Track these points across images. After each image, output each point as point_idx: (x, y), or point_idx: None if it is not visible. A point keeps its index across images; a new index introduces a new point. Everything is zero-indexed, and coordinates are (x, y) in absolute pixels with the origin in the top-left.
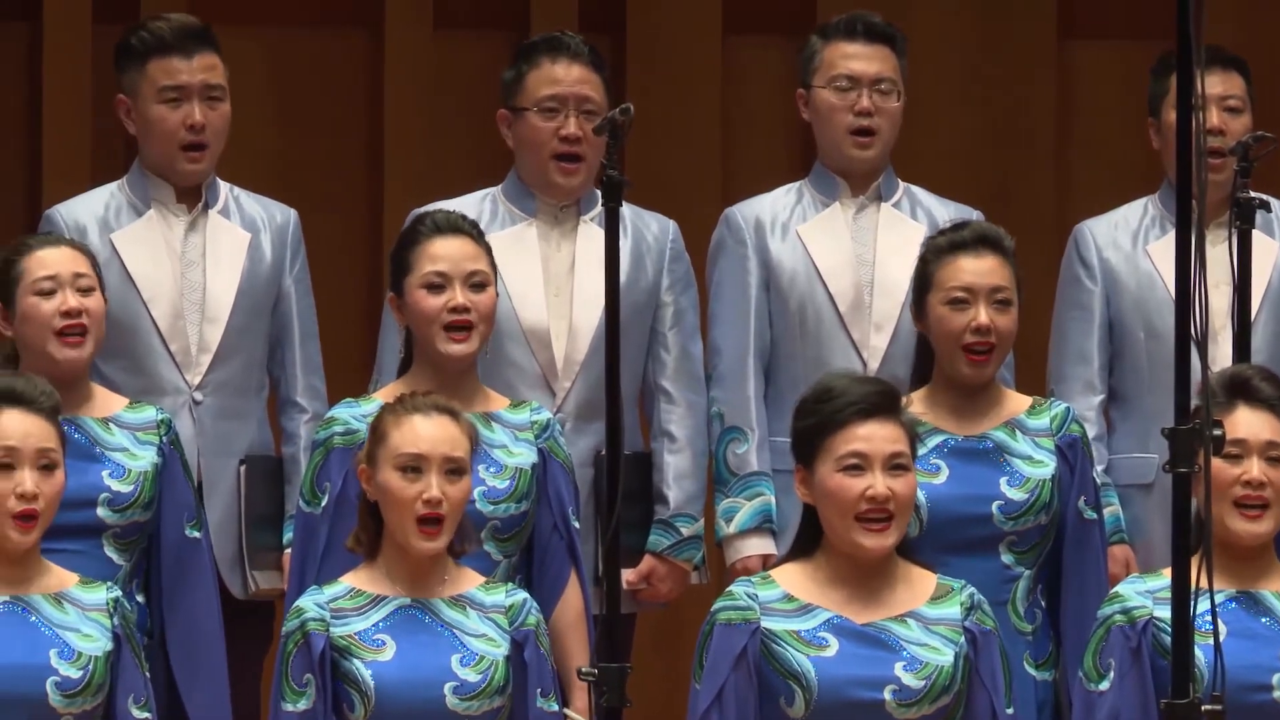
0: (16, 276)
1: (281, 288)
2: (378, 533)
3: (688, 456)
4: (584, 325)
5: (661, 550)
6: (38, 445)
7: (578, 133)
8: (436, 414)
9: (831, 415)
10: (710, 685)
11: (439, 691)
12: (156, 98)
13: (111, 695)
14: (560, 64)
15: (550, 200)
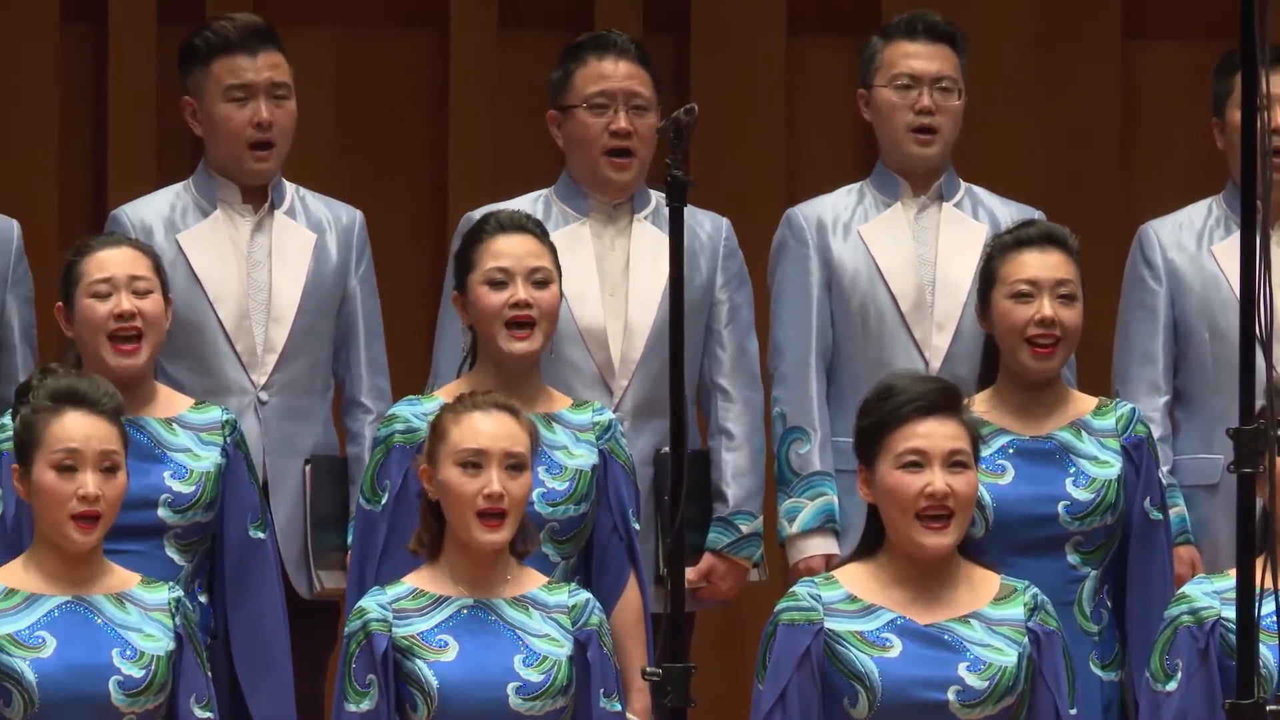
0: (76, 278)
1: (347, 288)
2: (440, 533)
3: (746, 454)
4: (640, 324)
5: (721, 548)
6: (100, 447)
7: (628, 127)
8: (496, 411)
9: (891, 413)
10: (773, 686)
11: (502, 692)
12: (223, 96)
13: (173, 695)
14: (608, 60)
15: (603, 198)
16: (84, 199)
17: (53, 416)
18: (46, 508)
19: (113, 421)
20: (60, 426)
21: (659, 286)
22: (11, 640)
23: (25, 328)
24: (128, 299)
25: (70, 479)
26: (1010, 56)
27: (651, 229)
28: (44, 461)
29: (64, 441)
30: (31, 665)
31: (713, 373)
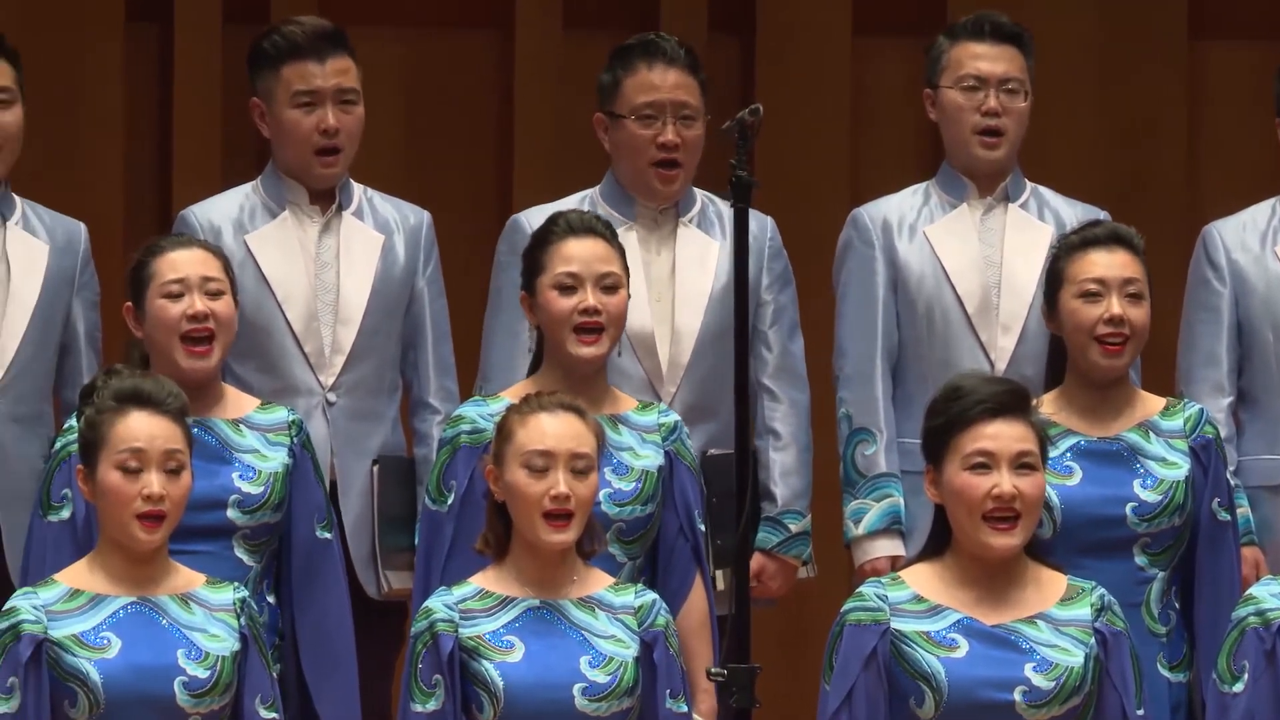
0: (147, 278)
1: (414, 289)
2: (506, 534)
3: (793, 453)
4: (687, 329)
5: (771, 547)
6: (164, 447)
7: (675, 140)
8: (562, 412)
9: (960, 414)
10: (840, 686)
11: (568, 693)
12: (290, 102)
13: (239, 695)
14: (656, 70)
15: (649, 204)
16: (149, 201)
17: (117, 417)
18: (111, 508)
19: (177, 421)
20: (125, 427)
21: (705, 290)
22: (77, 641)
23: (90, 331)
24: (201, 300)
25: (135, 479)
26: (1075, 56)
27: (697, 233)
28: (109, 462)
29: (128, 442)
30: (97, 666)
31: (758, 373)
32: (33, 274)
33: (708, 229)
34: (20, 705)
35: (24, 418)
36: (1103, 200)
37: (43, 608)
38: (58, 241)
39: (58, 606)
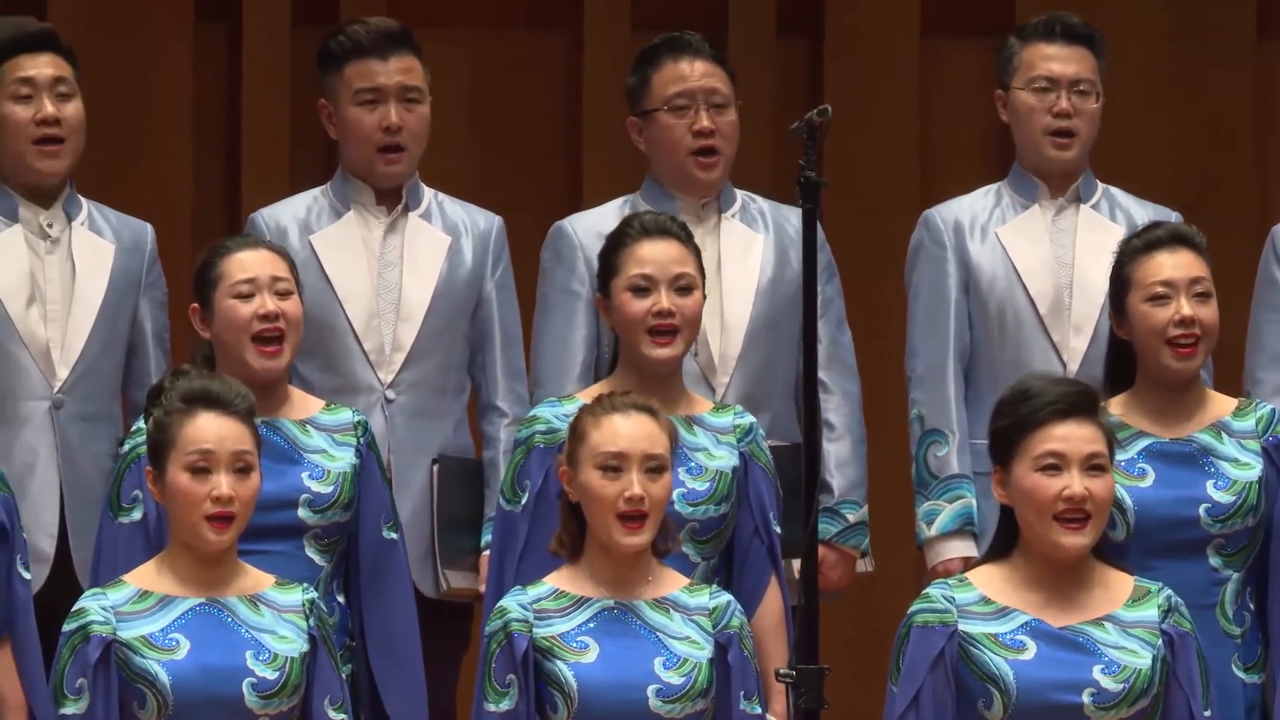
0: (215, 279)
1: (482, 292)
2: (580, 534)
3: (847, 444)
4: (736, 320)
5: (829, 538)
6: (233, 448)
7: (710, 126)
8: (635, 412)
9: (1029, 415)
10: (907, 688)
11: (642, 694)
12: (353, 100)
13: (308, 696)
14: (684, 61)
15: (690, 199)
16: (218, 203)
17: (185, 418)
18: (180, 509)
19: (245, 422)
20: (193, 428)
21: (752, 283)
22: (146, 642)
23: (158, 331)
24: (271, 300)
25: (204, 480)
26: (1144, 56)
27: (740, 226)
28: (177, 463)
29: (197, 443)
30: (165, 667)
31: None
32: (99, 274)
33: (750, 223)
34: (89, 706)
35: (91, 417)
36: (1173, 202)
37: (111, 609)
38: (124, 242)
39: (127, 608)
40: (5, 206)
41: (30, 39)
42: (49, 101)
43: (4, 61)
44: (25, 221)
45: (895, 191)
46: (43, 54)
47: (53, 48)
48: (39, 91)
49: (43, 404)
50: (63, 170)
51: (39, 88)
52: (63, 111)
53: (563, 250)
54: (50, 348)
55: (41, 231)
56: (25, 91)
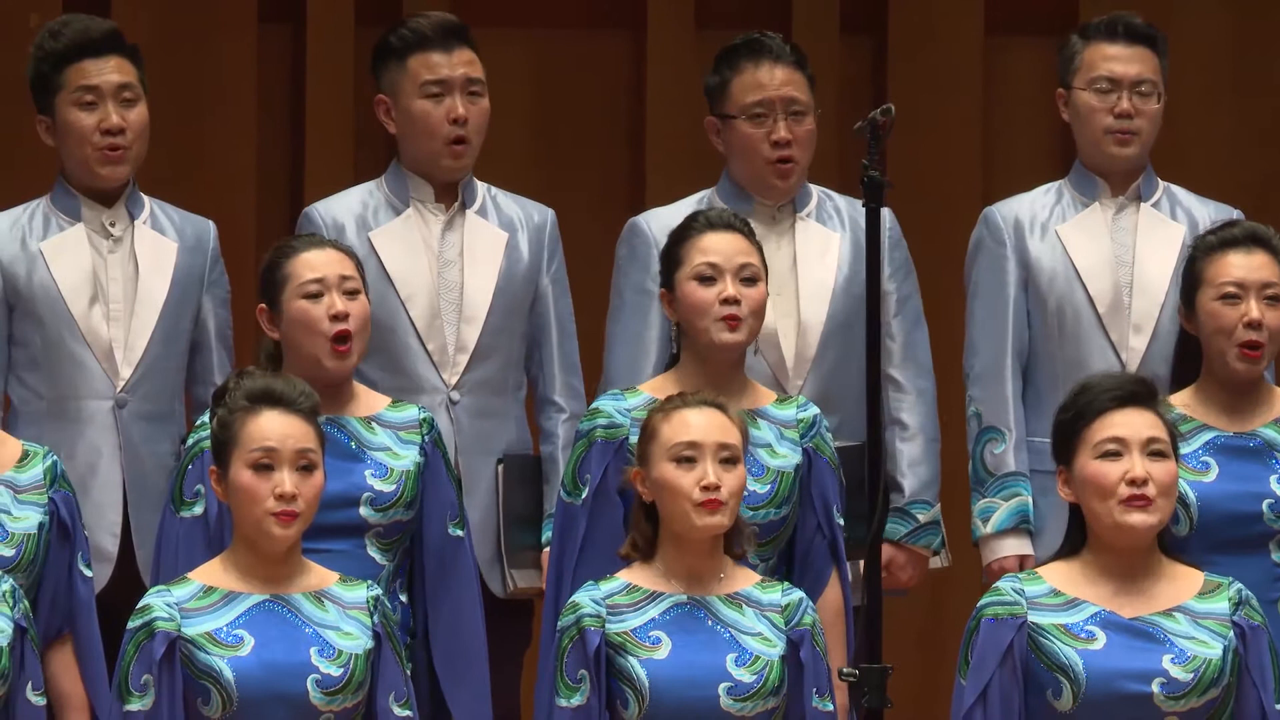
0: (282, 279)
1: (539, 287)
2: (654, 535)
3: (920, 443)
4: (812, 322)
5: (900, 538)
6: (296, 446)
7: (787, 136)
8: (706, 407)
9: (1088, 405)
10: (975, 682)
11: (713, 691)
12: (419, 93)
13: (372, 693)
14: (764, 68)
15: (765, 201)
16: (281, 202)
17: (249, 416)
18: (244, 507)
19: (309, 420)
20: (257, 426)
21: (828, 283)
22: (210, 639)
23: (221, 329)
24: (340, 300)
25: (267, 478)
26: (1206, 55)
27: (815, 226)
28: (241, 461)
29: (260, 441)
30: (230, 663)
31: (884, 364)
32: (161, 272)
33: (825, 222)
34: (154, 702)
35: (154, 415)
36: (1238, 201)
37: (176, 605)
38: (187, 240)
39: (191, 604)
40: (68, 206)
41: (96, 42)
42: (113, 109)
43: (69, 65)
44: (88, 221)
45: (959, 190)
46: (109, 58)
47: (119, 50)
48: (103, 99)
49: (106, 403)
50: (125, 177)
51: (103, 95)
52: (126, 118)
53: (638, 247)
54: (113, 347)
55: (104, 230)
56: (90, 98)
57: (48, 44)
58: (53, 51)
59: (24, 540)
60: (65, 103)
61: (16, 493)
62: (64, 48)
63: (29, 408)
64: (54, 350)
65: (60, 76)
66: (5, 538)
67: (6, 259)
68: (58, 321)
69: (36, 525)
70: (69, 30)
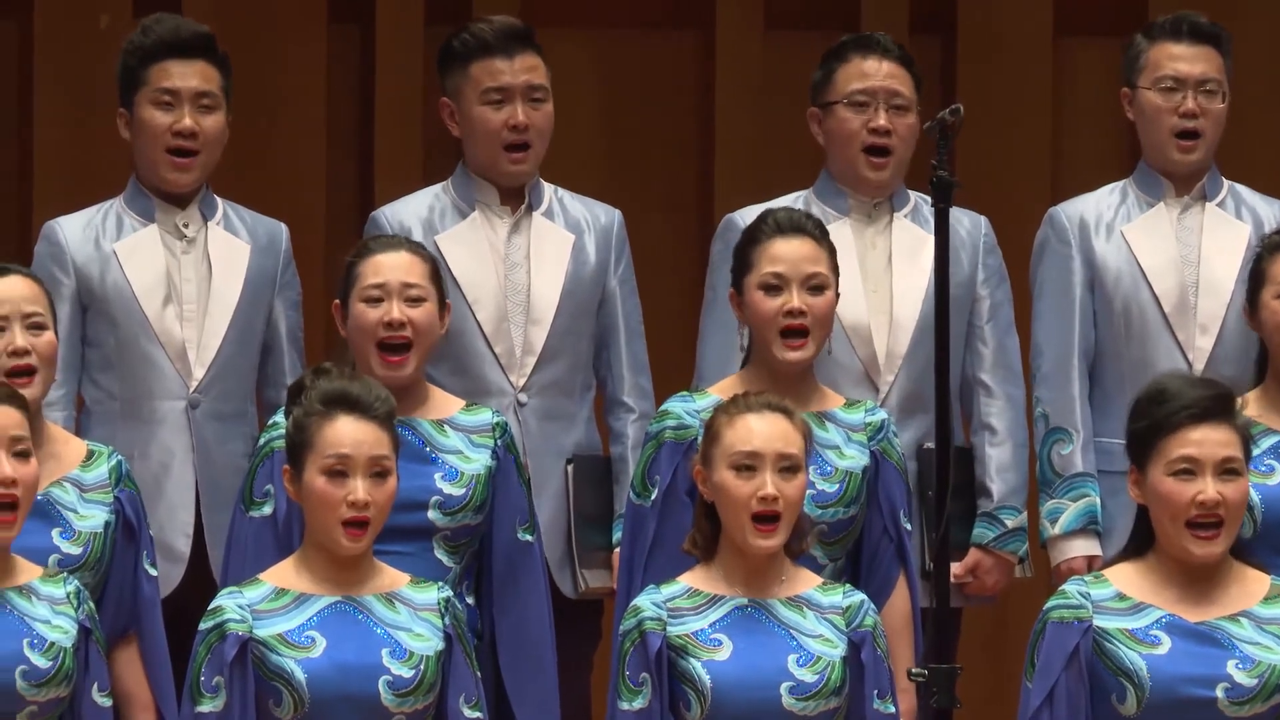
0: (352, 279)
1: (606, 289)
2: (714, 534)
3: (1009, 449)
4: (904, 319)
5: (987, 543)
6: (370, 453)
7: (887, 125)
8: (769, 412)
9: (1164, 419)
10: (1042, 684)
11: (775, 692)
12: (479, 99)
13: (443, 695)
14: (870, 60)
15: (862, 197)
16: (350, 203)
17: (325, 421)
18: (316, 512)
19: (384, 426)
20: (332, 431)
21: (921, 283)
22: (282, 640)
23: (292, 331)
24: (398, 307)
25: (341, 484)
26: (1273, 53)
27: (912, 226)
28: (315, 466)
29: (335, 447)
30: (301, 665)
31: (974, 368)
32: (234, 274)
33: (922, 223)
34: (225, 704)
35: (226, 416)
36: None
37: (248, 607)
38: (259, 241)
39: (263, 606)
40: (142, 207)
41: (184, 43)
42: (189, 113)
43: (154, 63)
44: (161, 222)
45: (1027, 190)
46: (194, 61)
47: (206, 55)
48: (180, 102)
49: (179, 404)
50: (190, 183)
51: (181, 98)
52: (201, 124)
53: (731, 242)
54: (187, 348)
55: (177, 231)
56: (167, 99)
57: (138, 39)
58: (140, 47)
59: (90, 539)
60: (143, 100)
61: (82, 492)
62: (152, 45)
63: (102, 408)
64: (127, 351)
65: (144, 73)
66: (71, 536)
67: (81, 260)
68: (131, 322)
69: (102, 524)
70: (159, 28)
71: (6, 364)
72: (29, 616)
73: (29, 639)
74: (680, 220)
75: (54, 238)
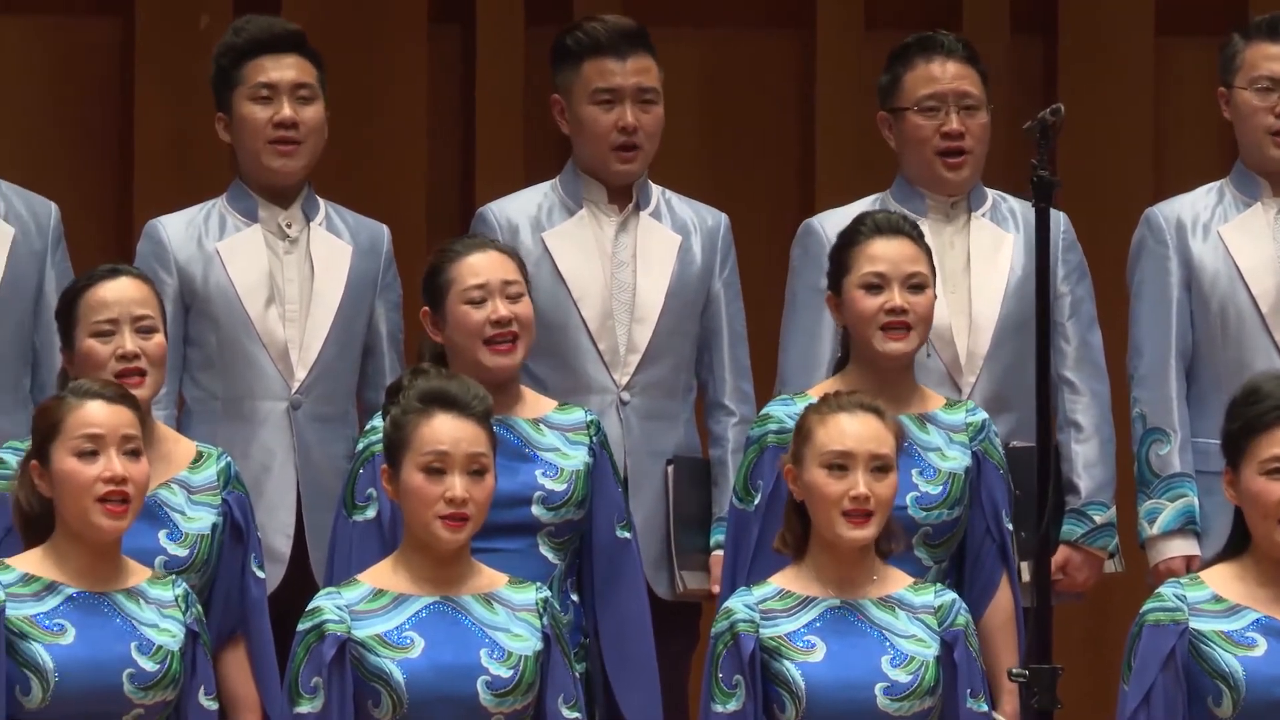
0: (446, 284)
1: (710, 291)
2: (805, 533)
3: (1095, 445)
4: (984, 320)
5: (1076, 539)
6: (468, 450)
7: (960, 128)
8: (861, 412)
9: (1256, 418)
10: (1138, 687)
11: (869, 692)
12: (589, 99)
13: (541, 695)
14: (936, 62)
15: (940, 198)
16: (452, 202)
17: (422, 419)
18: (415, 509)
19: (482, 424)
20: (429, 429)
21: (1001, 282)
22: (380, 641)
23: (393, 332)
24: (504, 304)
25: (438, 481)
26: None
27: (990, 226)
28: (412, 463)
29: (433, 444)
30: (400, 665)
31: (1059, 366)
32: (336, 275)
33: (1000, 223)
34: (324, 705)
35: (328, 417)
36: None
37: (346, 608)
38: (361, 243)
39: (361, 606)
40: (244, 206)
41: (277, 39)
42: (288, 104)
43: (248, 61)
44: (264, 221)
45: (1129, 190)
46: (288, 56)
47: (299, 50)
48: (279, 95)
49: (280, 404)
50: (297, 170)
51: (279, 91)
52: (301, 114)
53: (811, 248)
54: (289, 348)
55: (280, 232)
56: (265, 94)
57: (229, 40)
58: (233, 47)
59: (197, 541)
60: (241, 98)
61: (190, 493)
62: (244, 44)
63: (203, 408)
64: (229, 351)
65: (239, 72)
66: (179, 538)
67: (183, 259)
68: (233, 322)
69: (210, 526)
70: (251, 27)
71: (116, 368)
72: (137, 620)
73: (136, 642)
74: (782, 221)
75: (156, 236)
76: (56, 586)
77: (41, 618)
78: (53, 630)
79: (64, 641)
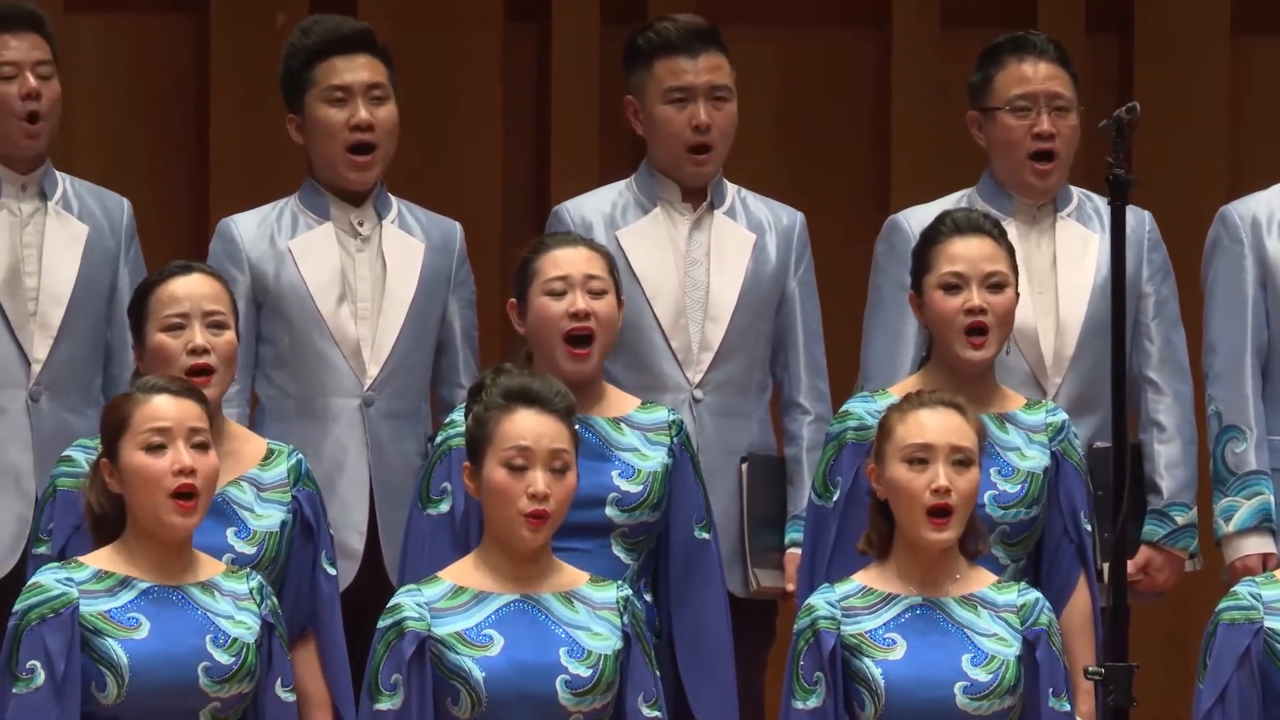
0: (530, 275)
1: (786, 290)
2: (889, 532)
3: (1178, 445)
4: (1071, 320)
5: (1157, 540)
6: (550, 446)
7: (1050, 129)
8: (943, 408)
9: None
10: (1213, 686)
11: (949, 691)
12: (662, 98)
13: (621, 694)
14: (1027, 62)
15: (1027, 199)
16: (527, 200)
17: (504, 415)
18: (497, 505)
19: (564, 421)
20: (511, 425)
21: (1087, 282)
22: (460, 639)
23: (467, 329)
24: (583, 298)
25: (520, 477)
26: None
27: (1076, 225)
28: (494, 459)
29: (515, 439)
30: (479, 663)
31: (1142, 366)
32: (409, 272)
33: (1086, 223)
34: (404, 702)
35: (401, 414)
36: None
37: (426, 605)
38: (434, 240)
39: (441, 604)
40: (316, 205)
41: (346, 39)
42: (363, 106)
43: (320, 62)
44: (336, 220)
45: (1205, 188)
46: (358, 56)
47: (369, 49)
48: (353, 96)
49: (353, 401)
50: (372, 180)
51: (353, 92)
52: (376, 115)
53: (896, 244)
54: (361, 345)
55: (352, 230)
56: (339, 95)
57: (298, 41)
58: (303, 49)
59: (265, 538)
60: (315, 100)
61: (260, 490)
62: (314, 45)
63: (276, 405)
64: (302, 348)
65: (310, 74)
66: (247, 535)
67: (255, 257)
68: (306, 320)
69: (278, 524)
70: (320, 28)
71: (186, 362)
72: (211, 612)
73: (212, 635)
74: (858, 219)
75: (229, 235)
76: (130, 581)
77: (116, 613)
78: (127, 625)
79: (138, 636)
